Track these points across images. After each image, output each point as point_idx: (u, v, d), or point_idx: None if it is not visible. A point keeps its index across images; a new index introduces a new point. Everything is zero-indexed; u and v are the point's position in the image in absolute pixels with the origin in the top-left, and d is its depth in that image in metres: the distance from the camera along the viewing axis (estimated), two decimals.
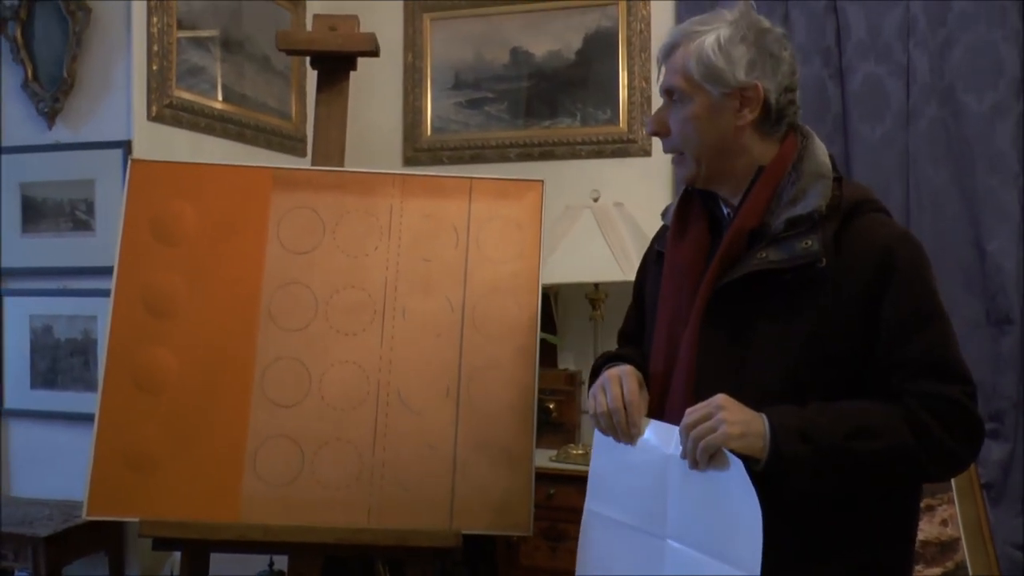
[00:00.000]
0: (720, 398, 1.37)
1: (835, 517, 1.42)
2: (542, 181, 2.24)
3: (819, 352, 1.41)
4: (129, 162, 2.22)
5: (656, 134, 1.59)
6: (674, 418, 1.44)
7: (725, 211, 1.58)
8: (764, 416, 1.36)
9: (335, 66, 2.31)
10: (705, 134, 1.52)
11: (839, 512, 1.42)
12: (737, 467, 1.33)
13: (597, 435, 1.59)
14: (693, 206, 1.62)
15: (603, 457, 1.58)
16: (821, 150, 1.54)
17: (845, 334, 1.41)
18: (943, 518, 2.63)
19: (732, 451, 1.33)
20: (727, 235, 1.51)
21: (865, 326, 1.42)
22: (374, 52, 2.29)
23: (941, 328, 1.44)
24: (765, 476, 1.34)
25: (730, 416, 1.35)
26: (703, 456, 1.35)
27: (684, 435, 1.38)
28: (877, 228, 1.47)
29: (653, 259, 1.74)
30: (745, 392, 1.40)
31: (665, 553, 1.42)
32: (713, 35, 1.50)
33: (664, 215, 1.73)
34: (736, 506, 1.32)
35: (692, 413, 1.38)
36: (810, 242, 1.42)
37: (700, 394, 1.41)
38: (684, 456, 1.38)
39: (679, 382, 1.50)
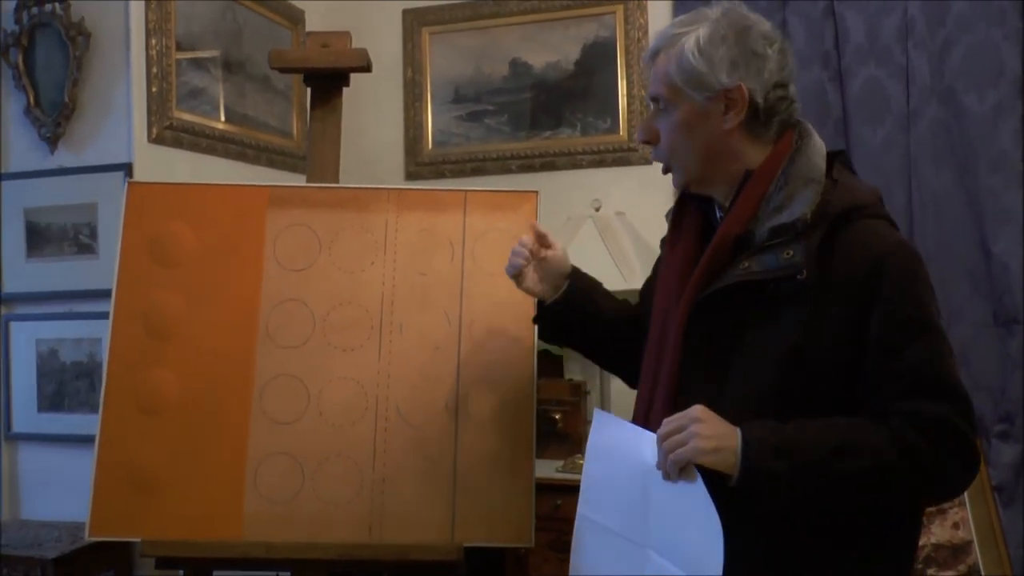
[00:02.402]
0: (696, 410, 1.33)
1: (826, 540, 1.36)
2: (537, 192, 2.24)
3: (800, 368, 1.35)
4: (126, 184, 2.23)
5: (647, 143, 1.55)
6: (656, 429, 1.41)
7: (719, 215, 1.54)
8: (739, 430, 1.31)
9: (328, 83, 2.33)
10: (692, 141, 1.48)
11: (830, 535, 1.36)
12: (698, 485, 1.30)
13: (591, 441, 1.58)
14: (688, 210, 1.59)
15: (595, 463, 1.56)
16: (816, 151, 1.46)
17: (828, 350, 1.35)
18: (955, 521, 2.61)
19: (705, 465, 1.30)
20: (711, 244, 1.46)
21: (850, 342, 1.35)
22: (366, 68, 2.30)
23: (932, 344, 1.36)
24: (746, 493, 1.30)
25: (704, 429, 1.30)
26: (673, 469, 1.32)
27: (659, 446, 1.35)
28: (867, 237, 1.39)
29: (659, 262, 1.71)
30: (726, 407, 1.35)
31: (648, 563, 1.39)
32: (693, 37, 1.44)
33: (667, 217, 1.70)
34: (701, 523, 1.29)
35: (668, 424, 1.34)
36: (791, 252, 1.36)
37: (680, 407, 1.36)
38: (658, 467, 1.35)
39: (661, 393, 1.47)
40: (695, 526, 1.30)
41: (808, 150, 1.46)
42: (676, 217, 1.61)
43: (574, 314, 1.82)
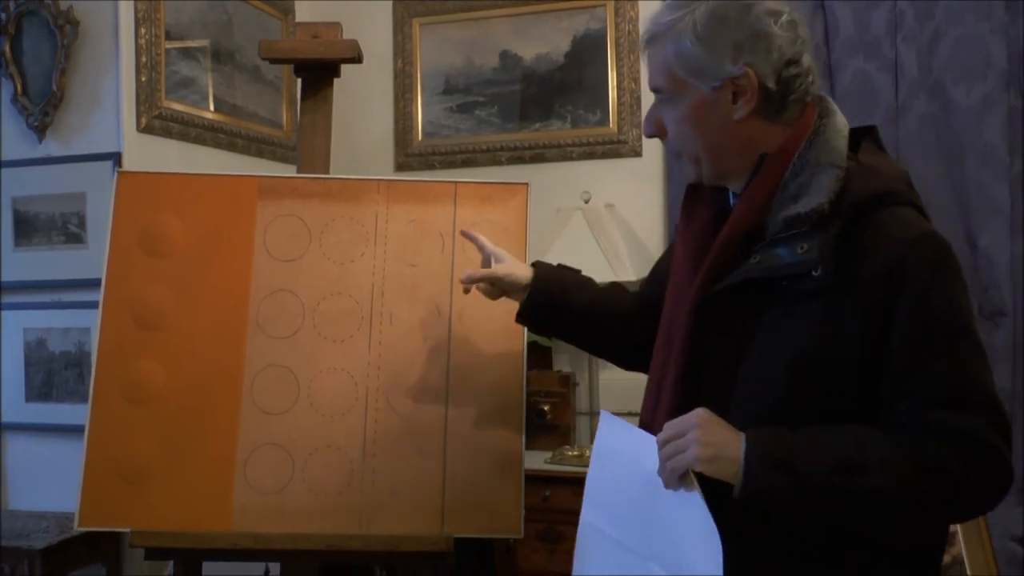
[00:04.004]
0: (697, 413, 1.23)
1: (839, 560, 1.25)
2: (527, 184, 2.24)
3: (814, 375, 1.24)
4: (115, 174, 2.22)
5: (653, 136, 1.43)
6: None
7: (732, 201, 1.41)
8: (743, 438, 1.20)
9: (318, 74, 2.32)
10: (702, 134, 1.35)
11: (844, 555, 1.25)
12: (695, 497, 1.20)
13: (596, 444, 1.50)
14: (701, 196, 1.45)
15: (599, 467, 1.48)
16: (837, 132, 1.32)
17: (844, 355, 1.23)
18: None
19: (705, 473, 1.20)
20: (718, 238, 1.34)
21: (870, 347, 1.22)
22: (356, 59, 2.30)
23: (964, 349, 1.22)
24: (748, 506, 1.20)
25: (703, 436, 1.20)
26: (671, 477, 1.23)
27: (659, 451, 1.25)
28: (891, 229, 1.24)
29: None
30: (734, 414, 1.25)
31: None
32: (690, 21, 1.31)
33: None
34: (700, 535, 1.19)
35: (668, 429, 1.25)
36: (806, 246, 1.23)
37: (686, 410, 1.26)
38: (659, 474, 1.25)
39: (666, 396, 1.37)
40: (695, 538, 1.20)
41: (828, 131, 1.32)
42: (688, 202, 1.47)
43: (544, 312, 1.81)
